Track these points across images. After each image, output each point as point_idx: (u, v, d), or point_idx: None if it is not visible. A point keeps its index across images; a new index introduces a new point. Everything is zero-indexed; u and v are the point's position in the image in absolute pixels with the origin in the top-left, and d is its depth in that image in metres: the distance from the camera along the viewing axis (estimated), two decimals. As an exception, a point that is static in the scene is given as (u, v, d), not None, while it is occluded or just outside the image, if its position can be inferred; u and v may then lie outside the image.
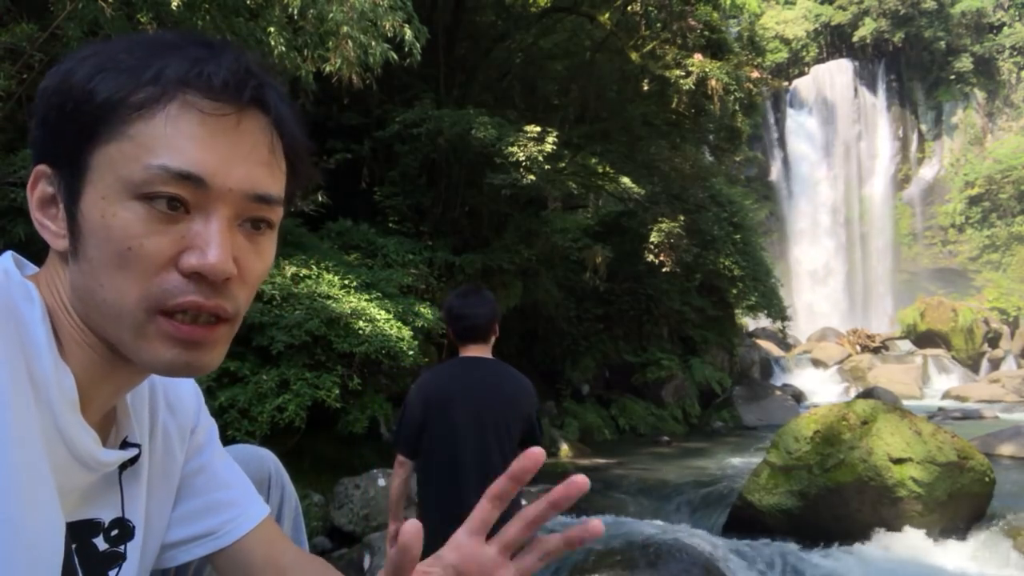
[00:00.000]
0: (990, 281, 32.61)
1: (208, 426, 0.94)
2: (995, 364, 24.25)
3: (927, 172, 36.34)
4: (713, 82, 10.38)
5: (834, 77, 36.94)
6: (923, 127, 36.77)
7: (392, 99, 9.30)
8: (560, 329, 11.86)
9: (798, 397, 15.52)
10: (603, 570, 4.39)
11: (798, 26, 37.04)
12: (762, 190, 32.81)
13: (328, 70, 5.16)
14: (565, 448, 9.67)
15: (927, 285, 32.82)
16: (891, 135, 36.93)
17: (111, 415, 0.78)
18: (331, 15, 4.79)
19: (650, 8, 10.86)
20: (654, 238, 11.44)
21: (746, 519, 5.45)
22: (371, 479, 5.61)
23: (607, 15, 11.16)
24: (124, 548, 0.79)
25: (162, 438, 0.86)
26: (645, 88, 11.29)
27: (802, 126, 36.57)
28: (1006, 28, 35.45)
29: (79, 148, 0.65)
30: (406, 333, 6.14)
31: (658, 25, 11.09)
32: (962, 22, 34.98)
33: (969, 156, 35.12)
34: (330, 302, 6.02)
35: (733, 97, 10.78)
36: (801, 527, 5.13)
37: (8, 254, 0.72)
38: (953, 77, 35.85)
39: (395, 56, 5.32)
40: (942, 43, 34.84)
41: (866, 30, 35.64)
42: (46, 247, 0.71)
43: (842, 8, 36.65)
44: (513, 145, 8.12)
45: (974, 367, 23.35)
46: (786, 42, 36.74)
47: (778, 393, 14.49)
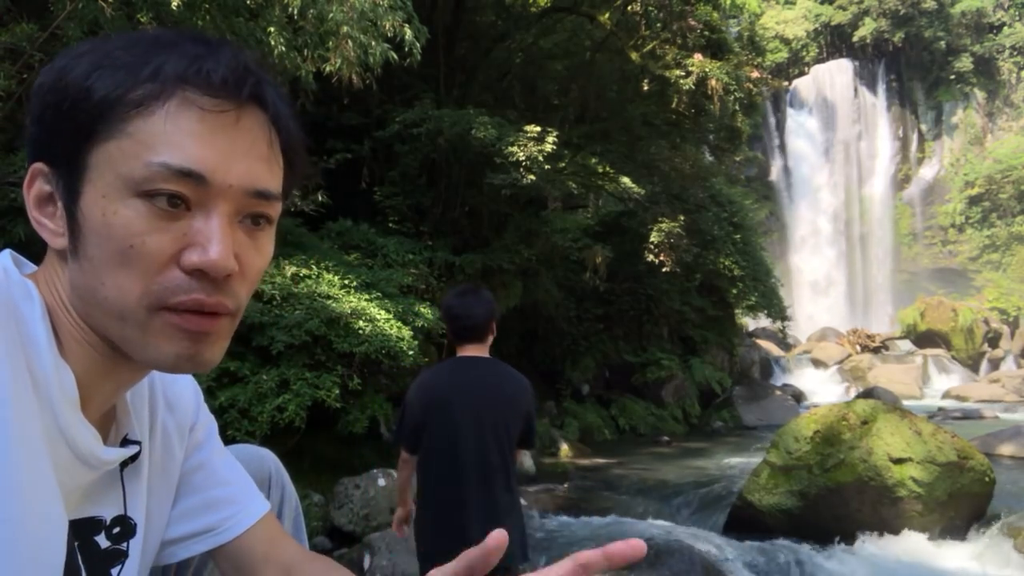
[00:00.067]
0: (990, 281, 32.62)
1: (207, 423, 0.94)
2: (995, 364, 24.26)
3: (927, 172, 36.34)
4: (713, 82, 10.38)
5: (834, 77, 36.94)
6: (923, 127, 36.78)
7: (392, 99, 9.29)
8: (560, 329, 11.86)
9: (798, 397, 15.51)
10: (603, 569, 4.38)
11: (798, 26, 37.05)
12: (762, 190, 32.82)
13: (328, 70, 5.15)
14: (565, 448, 9.65)
15: (927, 285, 32.82)
16: (891, 135, 36.94)
17: (111, 413, 0.78)
18: (331, 15, 4.79)
19: (650, 8, 10.86)
20: (654, 238, 11.43)
21: (746, 519, 5.45)
22: (371, 479, 5.61)
23: (607, 15, 11.15)
24: (126, 546, 0.79)
25: (161, 435, 0.86)
26: (645, 88, 11.28)
27: (802, 126, 36.58)
28: (1006, 28, 35.47)
29: (77, 146, 0.65)
30: (406, 333, 6.13)
31: (658, 25, 11.08)
32: (962, 22, 35.00)
33: (969, 156, 35.12)
34: (330, 302, 6.01)
35: (733, 97, 10.78)
36: (801, 527, 5.13)
37: (7, 252, 0.72)
38: (953, 77, 35.87)
39: (395, 56, 5.31)
40: (942, 43, 34.85)
41: (866, 30, 35.65)
42: (46, 247, 0.70)
43: (842, 8, 36.66)
44: (513, 145, 8.11)
45: (974, 367, 23.36)
46: (786, 42, 36.76)
47: (778, 393, 14.48)
